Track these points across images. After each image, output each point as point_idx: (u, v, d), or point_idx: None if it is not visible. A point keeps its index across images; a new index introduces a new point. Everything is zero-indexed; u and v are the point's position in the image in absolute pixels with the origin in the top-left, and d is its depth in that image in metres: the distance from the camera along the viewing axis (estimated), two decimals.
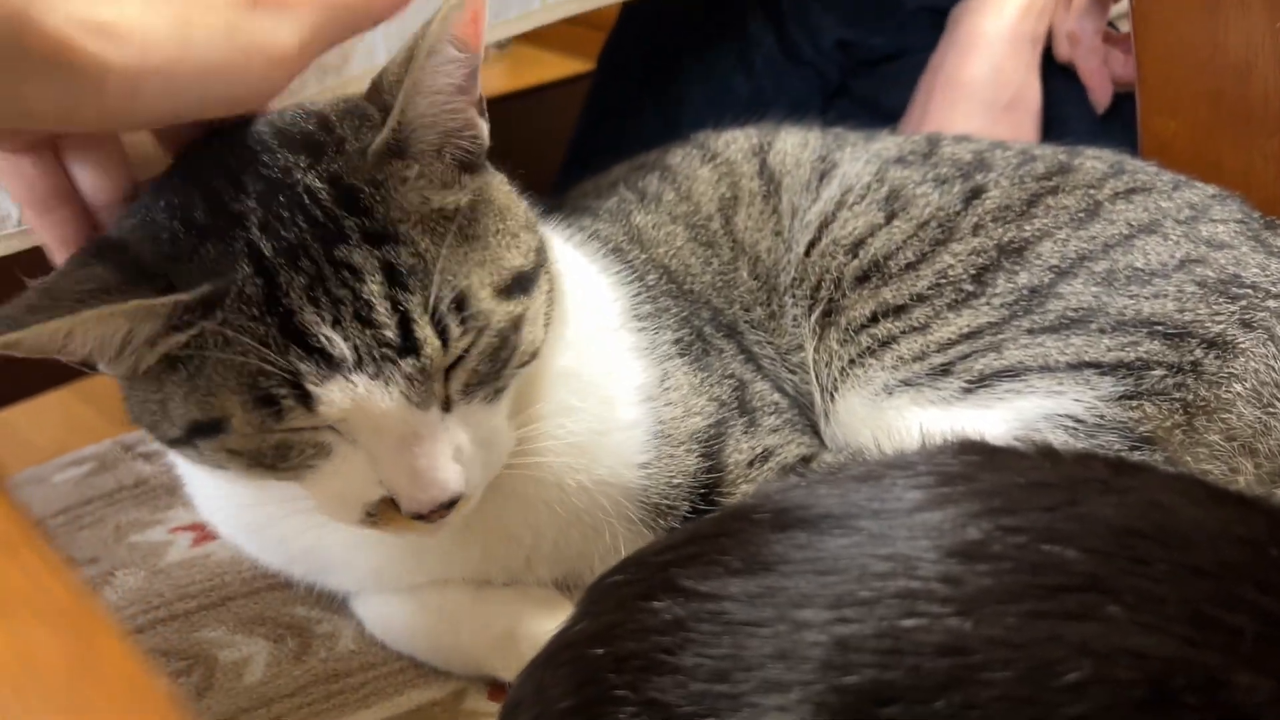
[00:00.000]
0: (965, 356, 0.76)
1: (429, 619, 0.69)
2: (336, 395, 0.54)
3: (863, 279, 0.81)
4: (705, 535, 0.49)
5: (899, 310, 0.79)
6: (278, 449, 0.56)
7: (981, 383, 0.75)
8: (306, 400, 0.54)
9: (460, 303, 0.57)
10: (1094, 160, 0.87)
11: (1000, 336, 0.76)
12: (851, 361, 0.78)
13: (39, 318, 0.52)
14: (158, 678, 0.22)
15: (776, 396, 0.80)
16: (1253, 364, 0.74)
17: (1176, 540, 0.42)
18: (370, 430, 0.56)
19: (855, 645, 0.41)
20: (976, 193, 0.84)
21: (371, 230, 0.56)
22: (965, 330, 0.77)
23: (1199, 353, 0.74)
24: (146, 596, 0.70)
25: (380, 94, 0.59)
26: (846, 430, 0.79)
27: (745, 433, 0.76)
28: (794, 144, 0.91)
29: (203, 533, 0.76)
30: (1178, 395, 0.73)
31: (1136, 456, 0.71)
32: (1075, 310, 0.76)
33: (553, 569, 0.72)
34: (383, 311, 0.55)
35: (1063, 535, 0.41)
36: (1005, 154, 0.88)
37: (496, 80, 1.62)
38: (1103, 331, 0.75)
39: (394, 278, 0.55)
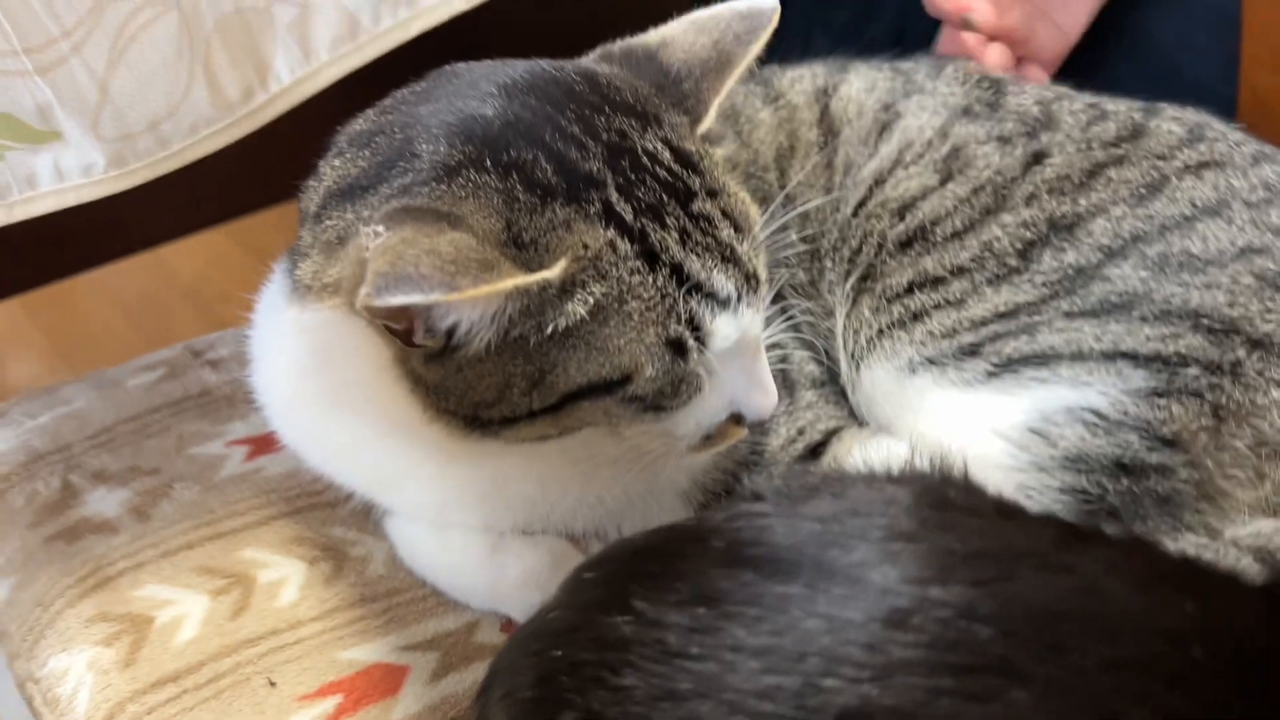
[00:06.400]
0: (996, 337, 0.75)
1: (452, 556, 0.74)
2: (730, 329, 0.62)
3: (906, 244, 0.80)
4: (668, 553, 0.52)
5: (937, 282, 0.78)
6: (674, 386, 0.62)
7: (1007, 367, 0.74)
8: (702, 340, 0.61)
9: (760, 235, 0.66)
10: (1171, 123, 0.83)
11: (1036, 318, 0.75)
12: (881, 331, 0.78)
13: (462, 281, 0.53)
14: None
15: (812, 367, 0.81)
16: None
17: (1100, 629, 0.43)
18: (730, 357, 0.64)
19: (772, 695, 0.44)
20: (1038, 157, 0.81)
21: (708, 186, 0.64)
22: (1001, 309, 0.76)
23: (1241, 352, 0.72)
24: (199, 512, 0.76)
25: (680, 82, 0.67)
26: (870, 403, 0.79)
27: (785, 413, 0.77)
28: (860, 88, 0.89)
29: (256, 447, 0.82)
30: (1210, 397, 0.71)
31: (1155, 458, 0.71)
32: (1120, 295, 0.74)
33: (585, 522, 0.76)
34: (743, 252, 0.63)
35: (983, 614, 0.43)
36: (1074, 108, 0.84)
37: None
38: (1144, 320, 0.73)
39: (734, 223, 0.64)
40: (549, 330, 0.58)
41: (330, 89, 0.80)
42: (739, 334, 0.63)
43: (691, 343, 0.61)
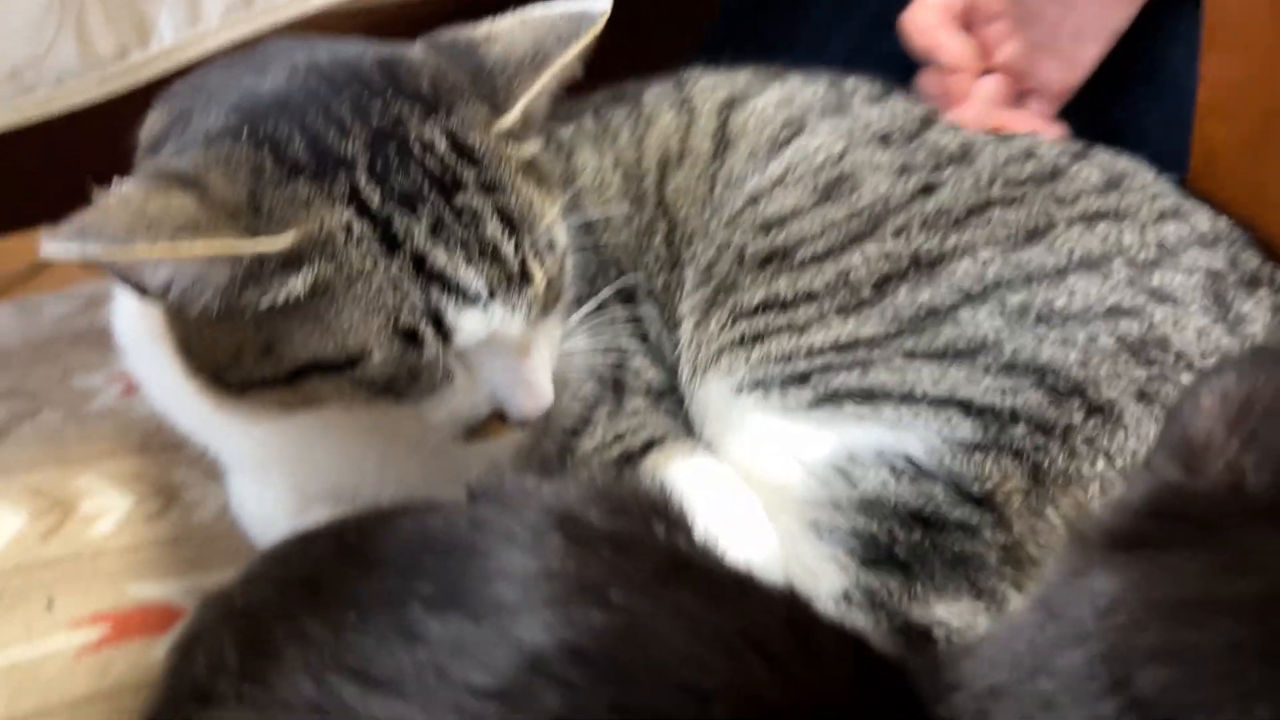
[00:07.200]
0: (828, 368, 0.73)
1: (265, 511, 0.77)
2: (476, 325, 0.62)
3: (764, 262, 0.78)
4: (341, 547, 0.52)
5: (785, 305, 0.76)
6: (411, 374, 0.62)
7: (831, 399, 0.72)
8: (444, 333, 0.61)
9: (550, 239, 0.65)
10: (1095, 169, 0.79)
11: (874, 354, 0.72)
12: (722, 349, 0.77)
13: (140, 242, 0.55)
14: None
15: (652, 374, 0.80)
16: (1132, 443, 0.67)
17: (618, 673, 0.42)
18: (490, 353, 0.64)
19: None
20: (929, 190, 0.78)
21: (486, 181, 0.64)
22: (841, 340, 0.73)
23: (1077, 416, 0.68)
24: (55, 439, 0.81)
25: (494, 76, 0.67)
26: (702, 418, 0.78)
27: (608, 417, 0.77)
28: (773, 101, 0.86)
29: (132, 385, 0.87)
30: (1033, 459, 0.68)
31: (958, 514, 0.67)
32: (968, 341, 0.71)
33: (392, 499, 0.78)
34: (508, 251, 0.63)
35: (508, 639, 0.43)
36: (1000, 149, 0.80)
37: None
38: (987, 370, 0.70)
39: (507, 220, 0.63)
40: (270, 301, 0.59)
41: None
42: (489, 331, 0.62)
43: (429, 335, 0.61)
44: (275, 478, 0.77)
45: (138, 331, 0.75)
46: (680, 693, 0.41)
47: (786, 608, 0.48)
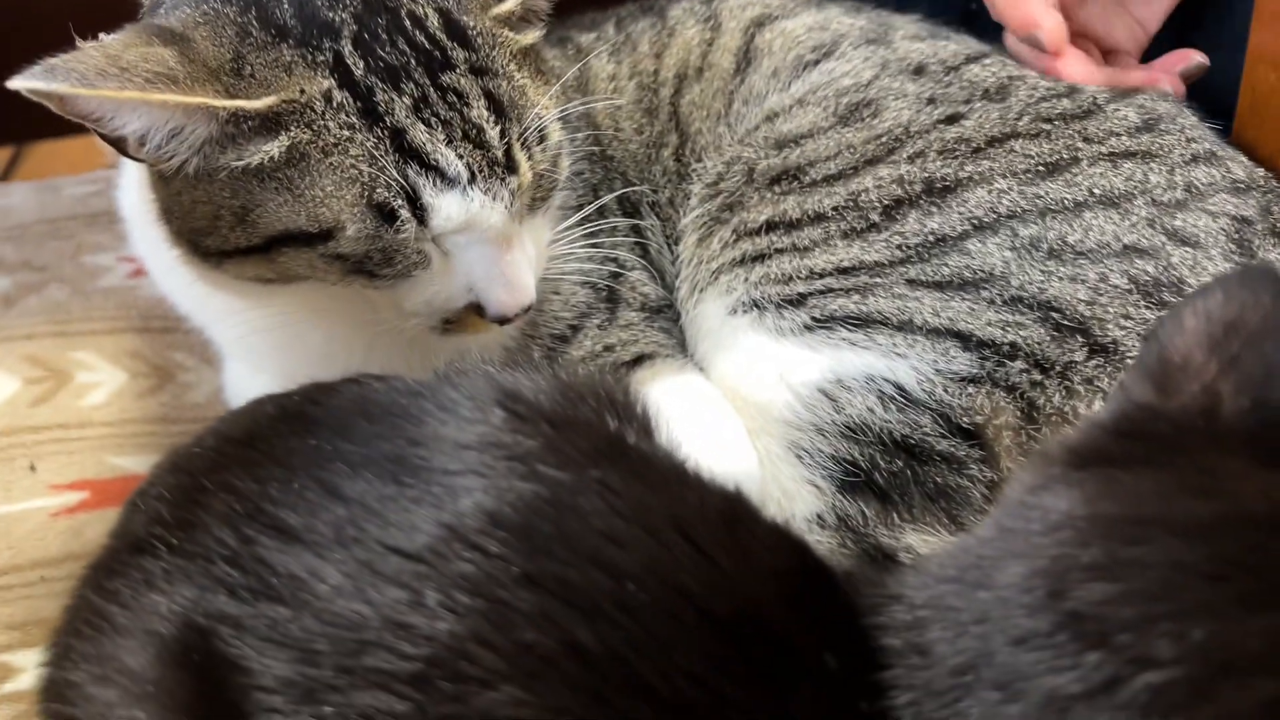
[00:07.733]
0: (827, 292, 0.71)
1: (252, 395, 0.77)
2: (453, 210, 0.60)
3: (774, 181, 0.76)
4: (235, 441, 0.51)
5: (791, 226, 0.74)
6: (384, 254, 0.61)
7: (826, 323, 0.70)
8: (421, 214, 0.60)
9: (542, 131, 0.64)
10: (1133, 109, 0.75)
11: (876, 280, 0.70)
12: (721, 268, 0.75)
13: (109, 84, 0.55)
14: None
15: (648, 289, 0.79)
16: None
17: (532, 545, 0.41)
18: (469, 242, 0.62)
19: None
20: (952, 119, 0.75)
21: (476, 63, 0.62)
22: (842, 264, 0.71)
23: (1079, 355, 0.65)
24: (57, 311, 0.82)
25: None
26: (696, 336, 0.76)
27: (599, 328, 0.76)
28: (805, 24, 0.83)
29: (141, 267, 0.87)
30: (1028, 395, 0.65)
31: (944, 446, 0.65)
32: (974, 271, 0.69)
33: None
34: (493, 136, 0.61)
35: (429, 503, 0.42)
36: (1038, 86, 0.76)
37: None
38: (991, 303, 0.67)
39: (495, 106, 0.61)
40: (245, 164, 0.58)
41: None
42: (467, 217, 0.60)
43: (404, 214, 0.59)
44: (266, 363, 0.77)
45: (140, 208, 0.75)
46: (593, 567, 0.40)
47: (726, 503, 0.46)
